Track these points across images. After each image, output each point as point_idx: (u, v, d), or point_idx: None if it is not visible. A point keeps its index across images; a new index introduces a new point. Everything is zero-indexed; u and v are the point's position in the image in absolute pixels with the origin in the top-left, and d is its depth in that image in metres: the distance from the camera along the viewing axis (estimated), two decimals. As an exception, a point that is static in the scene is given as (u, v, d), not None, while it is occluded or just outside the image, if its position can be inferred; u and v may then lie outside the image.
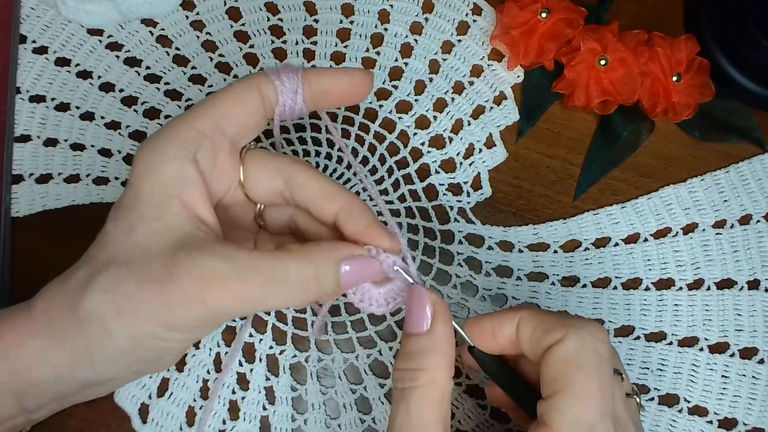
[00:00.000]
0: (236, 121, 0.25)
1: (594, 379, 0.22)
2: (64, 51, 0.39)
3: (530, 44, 0.38)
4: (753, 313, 0.36)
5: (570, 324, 0.23)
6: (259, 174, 0.26)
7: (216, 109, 0.24)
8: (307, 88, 0.25)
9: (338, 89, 0.26)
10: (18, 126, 0.37)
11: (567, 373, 0.22)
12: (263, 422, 0.33)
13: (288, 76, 0.25)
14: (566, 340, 0.22)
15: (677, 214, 0.38)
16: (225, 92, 0.25)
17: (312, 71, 0.25)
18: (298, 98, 0.25)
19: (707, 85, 0.38)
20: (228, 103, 0.24)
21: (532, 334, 0.24)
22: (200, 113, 0.24)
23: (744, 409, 0.35)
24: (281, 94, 0.25)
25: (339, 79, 0.26)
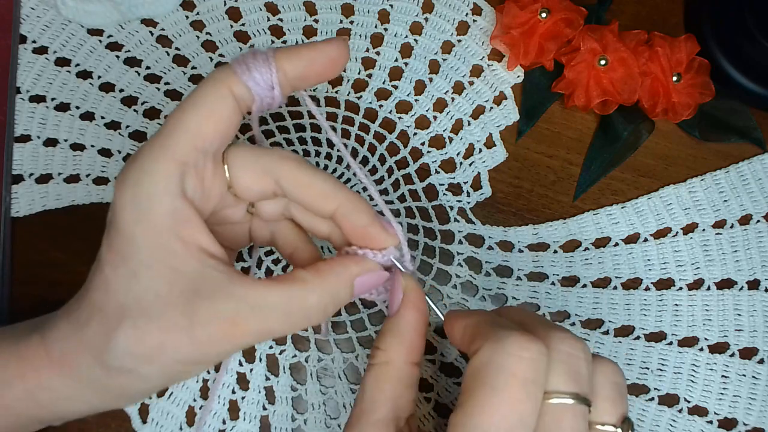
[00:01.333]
0: (214, 136, 0.23)
1: (490, 396, 0.20)
2: (64, 51, 0.39)
3: (530, 44, 0.38)
4: (753, 313, 0.36)
5: (491, 336, 0.21)
6: (246, 176, 0.24)
7: (191, 130, 0.22)
8: (281, 77, 0.23)
9: (314, 69, 0.24)
10: (18, 126, 0.37)
11: (467, 386, 0.20)
12: (263, 422, 0.33)
13: (260, 71, 0.23)
14: (478, 353, 0.21)
15: (677, 214, 0.38)
16: (195, 104, 0.22)
17: (284, 57, 0.23)
18: (276, 92, 0.23)
19: (707, 85, 0.38)
20: (202, 119, 0.22)
21: (461, 341, 0.23)
22: (176, 137, 0.22)
23: (744, 409, 0.35)
24: (256, 93, 0.23)
25: (314, 59, 0.23)
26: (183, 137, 0.22)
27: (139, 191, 0.22)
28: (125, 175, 0.22)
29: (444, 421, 0.33)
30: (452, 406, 0.34)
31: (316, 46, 0.23)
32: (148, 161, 0.22)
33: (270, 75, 0.23)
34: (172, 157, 0.22)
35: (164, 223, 0.22)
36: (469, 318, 0.23)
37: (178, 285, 0.22)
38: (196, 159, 0.22)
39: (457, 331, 0.23)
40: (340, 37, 0.24)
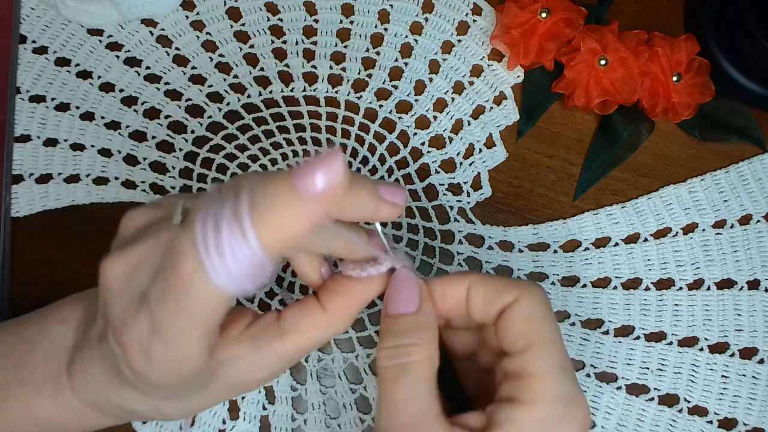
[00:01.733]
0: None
1: (556, 329, 0.24)
2: (64, 51, 0.39)
3: (530, 44, 0.38)
4: (753, 313, 0.36)
5: (519, 284, 0.24)
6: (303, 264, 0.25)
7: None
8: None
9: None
10: (18, 126, 0.37)
11: (534, 327, 0.23)
12: (263, 422, 0.33)
13: (239, 247, 0.18)
14: (523, 299, 0.23)
15: (677, 214, 0.38)
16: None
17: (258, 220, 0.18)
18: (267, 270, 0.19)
19: (707, 85, 0.38)
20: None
21: (483, 298, 0.24)
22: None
23: (744, 409, 0.35)
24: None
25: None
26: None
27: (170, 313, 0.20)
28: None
29: None
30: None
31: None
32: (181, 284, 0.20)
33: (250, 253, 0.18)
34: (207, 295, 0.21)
35: (192, 357, 0.21)
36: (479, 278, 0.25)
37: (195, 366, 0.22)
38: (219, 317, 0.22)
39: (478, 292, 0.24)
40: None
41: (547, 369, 0.23)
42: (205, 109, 0.38)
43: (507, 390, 0.23)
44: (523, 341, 0.23)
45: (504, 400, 0.23)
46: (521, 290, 0.24)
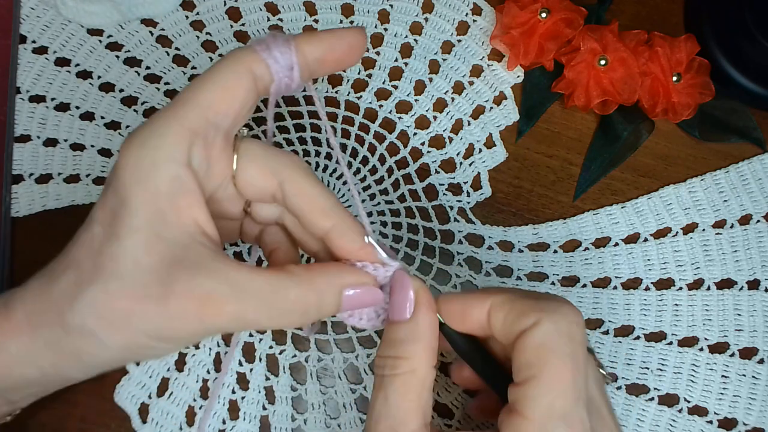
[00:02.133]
0: (228, 111, 0.22)
1: (567, 364, 0.21)
2: (64, 51, 0.39)
3: (530, 44, 0.38)
4: (753, 313, 0.36)
5: (544, 308, 0.22)
6: (253, 172, 0.24)
7: (205, 102, 0.22)
8: (301, 59, 0.23)
9: (334, 55, 0.23)
10: (18, 126, 0.37)
11: (540, 359, 0.21)
12: (263, 422, 0.33)
13: (280, 50, 0.22)
14: (540, 325, 0.22)
15: (677, 214, 0.38)
16: (212, 78, 0.22)
17: (304, 40, 0.23)
18: (294, 73, 0.23)
19: (707, 85, 0.38)
20: (218, 92, 0.22)
21: (504, 320, 0.23)
22: (189, 107, 0.22)
23: (744, 409, 0.35)
24: (276, 72, 0.23)
25: (334, 44, 0.23)
26: (195, 107, 0.22)
27: (144, 153, 0.21)
28: (132, 137, 0.22)
29: (444, 421, 0.33)
30: (452, 405, 0.34)
31: (336, 32, 0.24)
32: (157, 126, 0.21)
33: (290, 55, 0.22)
34: (182, 125, 0.21)
35: (164, 189, 0.21)
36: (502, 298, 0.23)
37: (161, 254, 0.21)
38: (206, 131, 0.22)
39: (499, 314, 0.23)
40: (358, 27, 0.24)
41: (538, 411, 0.21)
42: (205, 109, 0.38)
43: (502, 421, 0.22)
44: (526, 373, 0.22)
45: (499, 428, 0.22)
46: (543, 315, 0.22)
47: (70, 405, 0.32)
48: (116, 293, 0.21)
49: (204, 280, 0.21)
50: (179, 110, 0.22)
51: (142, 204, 0.21)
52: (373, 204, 0.37)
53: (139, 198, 0.21)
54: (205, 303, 0.21)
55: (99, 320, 0.21)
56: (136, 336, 0.21)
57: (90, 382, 0.32)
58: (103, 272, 0.21)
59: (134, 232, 0.21)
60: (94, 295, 0.21)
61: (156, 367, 0.33)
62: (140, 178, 0.21)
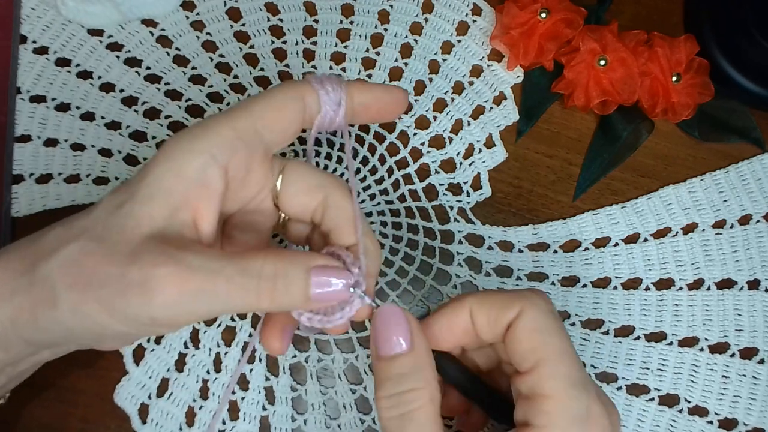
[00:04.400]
0: (275, 128, 0.24)
1: (565, 339, 0.23)
2: (64, 51, 0.39)
3: (530, 44, 0.38)
4: (753, 313, 0.36)
5: (521, 296, 0.23)
6: (300, 187, 0.25)
7: (256, 113, 0.23)
8: (348, 101, 0.25)
9: (377, 105, 0.26)
10: (18, 126, 0.37)
11: (541, 343, 0.22)
12: (263, 422, 0.33)
13: (332, 86, 0.25)
14: (527, 312, 0.23)
15: (677, 214, 0.38)
16: (266, 97, 0.24)
17: (354, 85, 0.25)
18: (341, 110, 0.25)
19: (707, 85, 0.38)
20: (269, 109, 0.24)
21: (488, 317, 0.23)
22: (239, 114, 0.23)
23: (744, 409, 0.35)
24: (324, 104, 0.24)
25: (380, 95, 0.26)
26: (246, 114, 0.23)
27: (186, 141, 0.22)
28: (183, 131, 0.23)
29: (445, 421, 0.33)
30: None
31: (382, 86, 0.26)
32: (208, 122, 0.23)
33: (340, 92, 0.25)
34: (231, 125, 0.23)
35: (188, 173, 0.22)
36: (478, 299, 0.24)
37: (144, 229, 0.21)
38: (251, 137, 0.23)
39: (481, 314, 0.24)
40: (403, 89, 0.27)
41: (559, 388, 0.22)
42: (206, 109, 0.38)
43: (521, 413, 0.22)
44: (531, 359, 0.22)
45: (520, 424, 0.22)
46: (523, 302, 0.23)
47: (70, 405, 0.32)
48: (89, 252, 0.21)
49: (173, 251, 0.21)
50: (230, 115, 0.23)
51: (159, 179, 0.22)
52: (373, 204, 0.37)
53: (155, 173, 0.22)
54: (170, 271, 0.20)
55: (63, 274, 0.21)
56: (92, 304, 0.21)
57: (90, 382, 0.32)
58: (88, 232, 0.22)
59: (133, 202, 0.22)
60: (71, 251, 0.21)
61: (156, 367, 0.33)
62: (171, 158, 0.22)
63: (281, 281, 0.22)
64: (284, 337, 0.25)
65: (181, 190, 0.22)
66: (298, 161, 0.26)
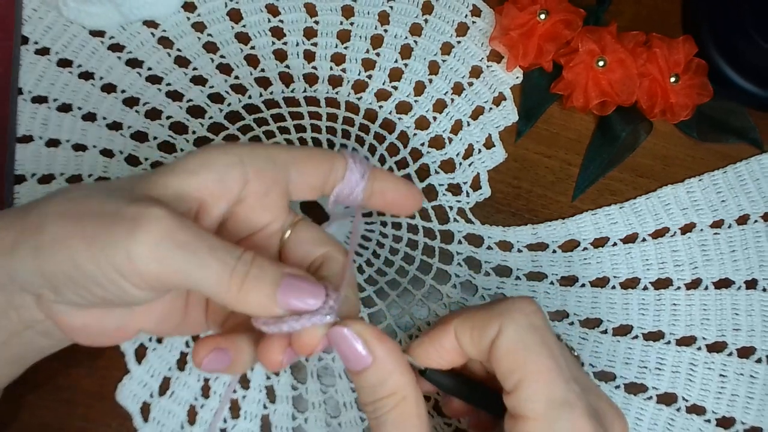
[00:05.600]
0: (303, 171, 0.25)
1: (544, 354, 0.22)
2: (66, 52, 0.39)
3: (529, 45, 0.38)
4: (751, 313, 0.36)
5: (500, 312, 0.23)
6: (306, 239, 0.26)
7: (292, 152, 0.25)
8: (371, 181, 0.26)
9: (393, 195, 0.26)
10: (20, 127, 0.37)
11: (518, 362, 0.22)
12: (264, 421, 0.33)
13: (360, 160, 0.26)
14: (505, 330, 0.23)
15: (675, 214, 0.38)
16: (302, 148, 0.26)
17: (378, 170, 0.26)
18: (361, 185, 0.26)
19: (705, 85, 0.39)
20: (303, 155, 0.25)
21: (471, 339, 0.24)
22: (277, 147, 0.25)
23: (742, 408, 0.35)
24: (350, 171, 0.26)
25: (399, 186, 0.26)
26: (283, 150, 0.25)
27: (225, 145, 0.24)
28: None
29: (444, 420, 0.34)
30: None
31: (404, 180, 0.27)
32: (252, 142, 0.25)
33: (365, 168, 0.26)
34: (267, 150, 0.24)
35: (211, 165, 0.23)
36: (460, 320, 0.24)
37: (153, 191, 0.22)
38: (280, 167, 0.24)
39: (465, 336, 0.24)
40: (419, 191, 0.29)
41: (539, 410, 0.22)
42: (206, 109, 0.38)
43: (510, 429, 0.23)
44: (512, 378, 0.22)
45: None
46: (502, 320, 0.23)
47: (71, 404, 0.32)
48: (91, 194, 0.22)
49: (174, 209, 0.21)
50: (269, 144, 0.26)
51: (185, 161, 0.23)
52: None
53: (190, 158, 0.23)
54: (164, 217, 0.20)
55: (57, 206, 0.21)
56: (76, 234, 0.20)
57: (91, 380, 0.33)
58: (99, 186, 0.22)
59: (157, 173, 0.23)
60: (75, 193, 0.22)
61: (157, 366, 0.33)
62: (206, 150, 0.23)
63: (255, 270, 0.21)
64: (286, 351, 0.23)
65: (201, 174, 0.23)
66: (310, 221, 0.27)
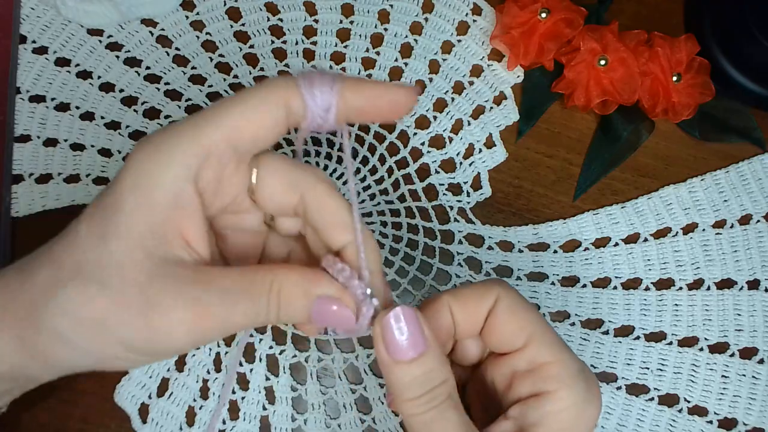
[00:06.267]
0: (251, 137, 0.21)
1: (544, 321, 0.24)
2: (64, 51, 0.39)
3: (530, 44, 0.38)
4: (753, 313, 0.36)
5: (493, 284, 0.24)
6: (274, 185, 0.23)
7: (229, 122, 0.21)
8: (341, 104, 0.22)
9: (375, 108, 0.23)
10: (18, 126, 0.37)
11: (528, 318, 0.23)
12: (263, 422, 0.33)
13: (321, 89, 0.22)
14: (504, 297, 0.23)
15: (677, 214, 0.38)
16: (243, 101, 0.21)
17: (351, 85, 0.22)
18: (330, 115, 0.22)
19: (707, 85, 0.38)
20: (245, 116, 0.21)
21: (466, 311, 0.23)
22: (210, 126, 0.21)
23: (744, 409, 0.35)
24: (310, 110, 0.22)
25: (378, 97, 0.22)
26: (216, 127, 0.21)
27: (151, 161, 0.21)
28: (144, 142, 0.21)
29: None
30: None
31: (385, 86, 0.23)
32: (172, 136, 0.21)
33: (330, 96, 0.22)
34: (198, 141, 0.21)
35: (161, 200, 0.20)
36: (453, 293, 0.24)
37: (144, 264, 0.20)
38: (221, 152, 0.21)
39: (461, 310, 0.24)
40: (414, 87, 0.23)
41: (557, 352, 0.23)
42: (205, 109, 0.38)
43: (527, 387, 0.23)
44: (522, 335, 0.23)
45: (528, 398, 0.22)
46: (498, 289, 0.23)
47: (70, 405, 0.32)
48: (94, 297, 0.20)
49: (187, 290, 0.20)
50: (199, 125, 0.21)
51: (135, 210, 0.20)
52: (373, 204, 0.37)
53: (134, 203, 0.20)
54: (192, 313, 0.20)
55: (73, 324, 0.20)
56: (111, 346, 0.21)
57: (90, 382, 0.32)
58: (83, 273, 0.20)
59: (122, 237, 0.20)
60: (71, 296, 0.20)
61: (156, 367, 0.33)
62: (140, 185, 0.20)
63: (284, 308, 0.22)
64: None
65: (161, 218, 0.21)
66: (274, 156, 0.23)
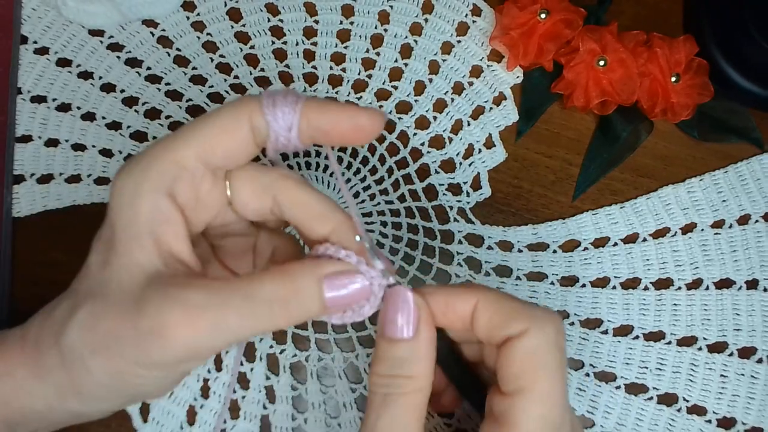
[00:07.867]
0: (222, 153, 0.22)
1: (557, 377, 0.21)
2: (65, 52, 0.39)
3: (529, 45, 0.38)
4: (752, 313, 0.36)
5: (531, 315, 0.22)
6: (246, 193, 0.24)
7: (199, 139, 0.22)
8: (304, 124, 0.22)
9: (338, 130, 0.23)
10: (19, 126, 0.37)
11: (531, 371, 0.21)
12: (264, 421, 0.33)
13: (283, 110, 0.22)
14: (530, 335, 0.21)
15: (676, 214, 0.38)
16: (211, 118, 0.22)
17: (312, 107, 0.22)
18: (292, 135, 0.22)
19: (706, 85, 0.39)
20: (214, 133, 0.22)
21: (491, 320, 0.22)
22: (181, 142, 0.22)
23: (743, 408, 0.35)
24: (273, 129, 0.22)
25: (340, 119, 0.23)
26: (187, 143, 0.22)
27: (130, 181, 0.22)
28: (124, 165, 0.22)
29: (444, 420, 0.34)
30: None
31: (350, 109, 0.23)
32: (147, 157, 0.22)
33: (292, 116, 0.22)
34: (170, 158, 0.22)
35: (142, 217, 0.21)
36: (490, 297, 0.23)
37: (138, 279, 0.21)
38: (194, 165, 0.22)
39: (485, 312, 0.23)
40: (379, 111, 0.23)
41: (531, 426, 0.21)
42: (206, 109, 0.38)
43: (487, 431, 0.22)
44: (516, 384, 0.21)
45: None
46: (531, 323, 0.22)
47: (71, 404, 0.32)
48: (100, 315, 0.21)
49: (177, 293, 0.21)
50: (171, 143, 0.22)
51: (123, 229, 0.22)
52: (373, 204, 0.37)
53: (121, 223, 0.22)
54: (179, 316, 0.20)
55: (85, 343, 0.21)
56: (119, 362, 0.21)
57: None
58: (93, 295, 0.22)
59: (119, 254, 0.21)
60: (83, 317, 0.21)
61: (157, 366, 0.33)
62: (124, 204, 0.22)
63: (294, 301, 0.21)
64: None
65: (147, 233, 0.22)
66: (244, 167, 0.24)
